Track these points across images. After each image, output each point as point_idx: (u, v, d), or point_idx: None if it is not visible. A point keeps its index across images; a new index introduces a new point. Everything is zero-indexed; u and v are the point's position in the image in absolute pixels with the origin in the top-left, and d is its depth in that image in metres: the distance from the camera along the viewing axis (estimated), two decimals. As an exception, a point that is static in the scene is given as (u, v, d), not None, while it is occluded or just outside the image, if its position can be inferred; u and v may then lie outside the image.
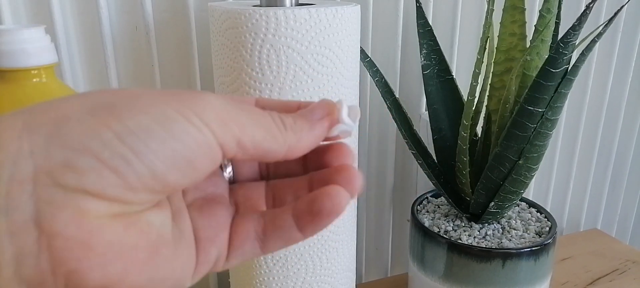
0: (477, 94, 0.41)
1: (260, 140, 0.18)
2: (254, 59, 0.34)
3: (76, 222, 0.15)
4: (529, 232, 0.45)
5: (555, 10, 0.38)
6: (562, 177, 0.71)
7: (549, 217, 0.47)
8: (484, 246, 0.43)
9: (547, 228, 0.45)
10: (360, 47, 0.42)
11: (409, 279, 0.50)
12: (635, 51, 0.68)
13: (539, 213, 0.48)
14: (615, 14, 0.37)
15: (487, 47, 0.41)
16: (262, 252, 0.20)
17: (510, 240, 0.44)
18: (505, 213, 0.46)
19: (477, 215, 0.46)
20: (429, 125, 0.48)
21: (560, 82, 0.37)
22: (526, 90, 0.38)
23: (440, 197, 0.52)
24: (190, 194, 0.21)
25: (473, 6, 0.57)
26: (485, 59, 0.41)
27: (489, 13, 0.39)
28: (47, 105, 0.16)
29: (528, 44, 0.41)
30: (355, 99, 0.39)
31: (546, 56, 0.39)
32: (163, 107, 0.16)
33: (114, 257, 0.15)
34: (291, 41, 0.33)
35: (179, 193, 0.20)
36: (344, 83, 0.37)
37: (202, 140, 0.17)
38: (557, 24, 0.41)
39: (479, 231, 0.45)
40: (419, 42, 0.46)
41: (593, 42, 0.37)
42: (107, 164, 0.15)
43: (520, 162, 0.40)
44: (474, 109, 0.42)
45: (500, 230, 0.46)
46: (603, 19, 0.63)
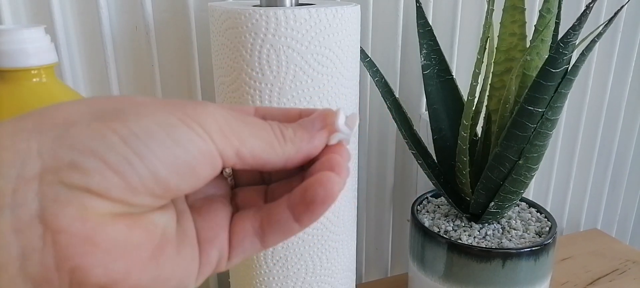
0: (477, 94, 0.41)
1: (259, 152, 0.19)
2: (254, 59, 0.34)
3: (80, 219, 0.15)
4: (529, 232, 0.45)
5: (555, 10, 0.38)
6: (562, 177, 0.71)
7: (549, 217, 0.47)
8: (484, 246, 0.43)
9: (547, 228, 0.45)
10: (360, 47, 0.42)
11: (409, 279, 0.50)
12: (635, 51, 0.68)
13: (539, 213, 0.48)
14: (615, 14, 0.37)
15: (487, 47, 0.41)
16: (263, 247, 0.20)
17: (510, 240, 0.44)
18: (505, 213, 0.46)
19: (477, 215, 0.46)
20: (429, 125, 0.48)
21: (560, 82, 0.37)
22: (526, 90, 0.38)
23: (440, 197, 0.52)
24: (191, 196, 0.21)
25: (473, 6, 0.57)
26: (485, 59, 0.41)
27: (489, 13, 0.39)
28: (56, 108, 0.17)
29: (528, 44, 0.41)
30: (355, 98, 0.39)
31: (546, 56, 0.39)
32: (167, 115, 0.17)
33: (118, 254, 0.16)
34: (291, 41, 0.33)
35: (181, 196, 0.20)
36: (344, 83, 0.37)
37: (204, 148, 0.17)
38: (557, 24, 0.41)
39: (479, 231, 0.45)
40: (419, 42, 0.46)
41: (593, 42, 0.37)
42: (112, 166, 0.15)
43: (520, 162, 0.40)
44: (474, 109, 0.42)
45: (500, 230, 0.46)
46: (603, 19, 0.63)
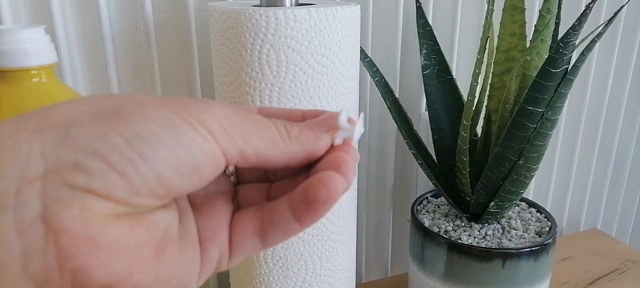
0: (477, 94, 0.41)
1: (262, 150, 0.18)
2: (254, 59, 0.34)
3: (83, 219, 0.15)
4: (529, 232, 0.45)
5: (555, 10, 0.38)
6: (562, 177, 0.71)
7: (549, 217, 0.47)
8: (484, 246, 0.43)
9: (547, 228, 0.45)
10: (360, 47, 0.42)
11: (409, 279, 0.50)
12: (635, 51, 0.68)
13: (539, 213, 0.48)
14: (615, 14, 0.37)
15: (487, 47, 0.41)
16: (263, 247, 0.20)
17: (510, 240, 0.44)
18: (505, 213, 0.46)
19: (477, 215, 0.46)
20: (429, 125, 0.48)
21: (560, 82, 0.37)
22: (526, 90, 0.38)
23: (440, 197, 0.52)
24: (192, 193, 0.21)
25: (473, 6, 0.57)
26: (485, 59, 0.41)
27: (489, 13, 0.39)
28: (58, 108, 0.17)
29: (528, 44, 0.41)
30: (355, 98, 0.39)
31: (546, 56, 0.39)
32: (170, 115, 0.17)
33: (120, 254, 0.16)
34: (291, 41, 0.33)
35: (184, 195, 0.20)
36: (344, 83, 0.37)
37: (207, 148, 0.17)
38: (557, 24, 0.41)
39: (479, 231, 0.45)
40: (419, 42, 0.46)
41: (593, 42, 0.37)
42: (115, 167, 0.15)
43: (520, 162, 0.40)
44: (474, 109, 0.42)
45: (500, 230, 0.46)
46: (603, 19, 0.63)
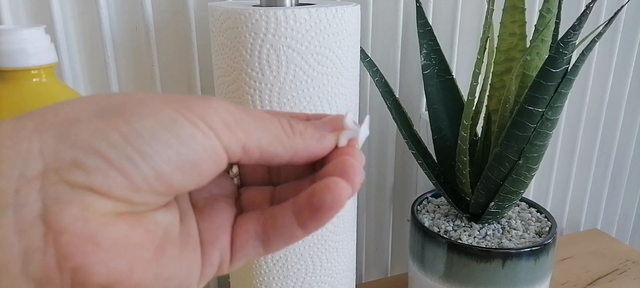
0: (477, 94, 0.41)
1: (266, 145, 0.18)
2: (254, 59, 0.34)
3: (82, 218, 0.15)
4: (529, 232, 0.45)
5: (555, 10, 0.38)
6: (562, 177, 0.71)
7: (549, 217, 0.47)
8: (484, 246, 0.43)
9: (547, 228, 0.45)
10: (360, 47, 0.42)
11: (409, 279, 0.50)
12: (635, 51, 0.68)
13: (539, 213, 0.48)
14: (615, 14, 0.37)
15: (487, 47, 0.41)
16: (265, 252, 0.20)
17: (510, 240, 0.44)
18: (505, 213, 0.46)
19: (477, 215, 0.46)
20: (429, 125, 0.48)
21: (560, 82, 0.37)
22: (526, 90, 0.38)
23: (440, 197, 0.52)
24: (194, 194, 0.20)
25: (473, 6, 0.57)
26: (485, 59, 0.41)
27: (489, 13, 0.39)
28: (57, 107, 0.16)
29: (528, 44, 0.41)
30: (355, 98, 0.39)
31: (546, 56, 0.39)
32: (169, 111, 0.16)
33: (120, 253, 0.15)
34: (291, 41, 0.33)
35: (185, 194, 0.20)
36: (344, 83, 0.37)
37: (208, 145, 0.17)
38: (557, 24, 0.41)
39: (479, 231, 0.45)
40: (419, 42, 0.46)
41: (593, 42, 0.37)
42: (114, 165, 0.15)
43: (520, 162, 0.40)
44: (474, 109, 0.42)
45: (500, 230, 0.46)
46: (603, 19, 0.63)
